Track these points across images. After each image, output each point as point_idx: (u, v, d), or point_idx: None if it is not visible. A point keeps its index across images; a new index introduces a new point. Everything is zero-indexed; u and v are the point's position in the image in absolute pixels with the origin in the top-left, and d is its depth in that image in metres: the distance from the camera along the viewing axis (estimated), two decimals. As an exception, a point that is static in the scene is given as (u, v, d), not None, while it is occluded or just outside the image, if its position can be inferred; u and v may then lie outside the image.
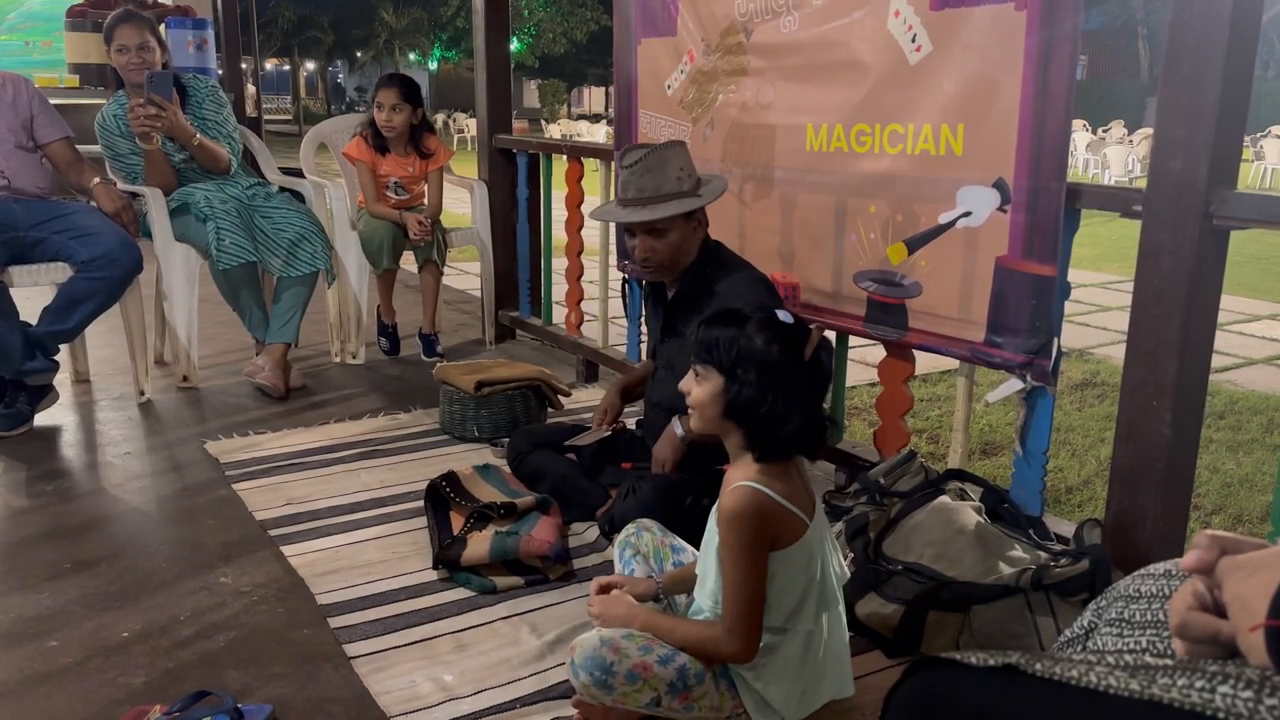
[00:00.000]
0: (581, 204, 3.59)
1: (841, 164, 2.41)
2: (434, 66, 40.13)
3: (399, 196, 3.79)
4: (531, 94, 43.47)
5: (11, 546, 2.23)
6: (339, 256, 3.66)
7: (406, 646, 1.82)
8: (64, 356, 3.22)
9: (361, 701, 1.66)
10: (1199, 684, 0.68)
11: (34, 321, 2.97)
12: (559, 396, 3.04)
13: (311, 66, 44.69)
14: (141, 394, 3.26)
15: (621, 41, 3.21)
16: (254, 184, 3.48)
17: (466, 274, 6.25)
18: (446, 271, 4.19)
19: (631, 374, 2.63)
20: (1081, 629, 1.01)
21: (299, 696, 1.67)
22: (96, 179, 3.17)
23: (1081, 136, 16.87)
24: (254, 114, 8.87)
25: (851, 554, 1.91)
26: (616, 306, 3.87)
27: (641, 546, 1.75)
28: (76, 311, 2.97)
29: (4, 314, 2.87)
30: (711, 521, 1.50)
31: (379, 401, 3.31)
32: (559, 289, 3.82)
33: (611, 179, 3.27)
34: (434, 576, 2.08)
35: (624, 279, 3.38)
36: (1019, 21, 1.95)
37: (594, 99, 48.63)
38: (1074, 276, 2.04)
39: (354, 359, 3.78)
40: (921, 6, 2.14)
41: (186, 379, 3.40)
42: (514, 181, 3.98)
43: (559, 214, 3.77)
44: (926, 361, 2.61)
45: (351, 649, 1.81)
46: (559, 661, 1.77)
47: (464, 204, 4.52)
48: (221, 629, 1.88)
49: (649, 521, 1.81)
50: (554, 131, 23.58)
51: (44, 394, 3.06)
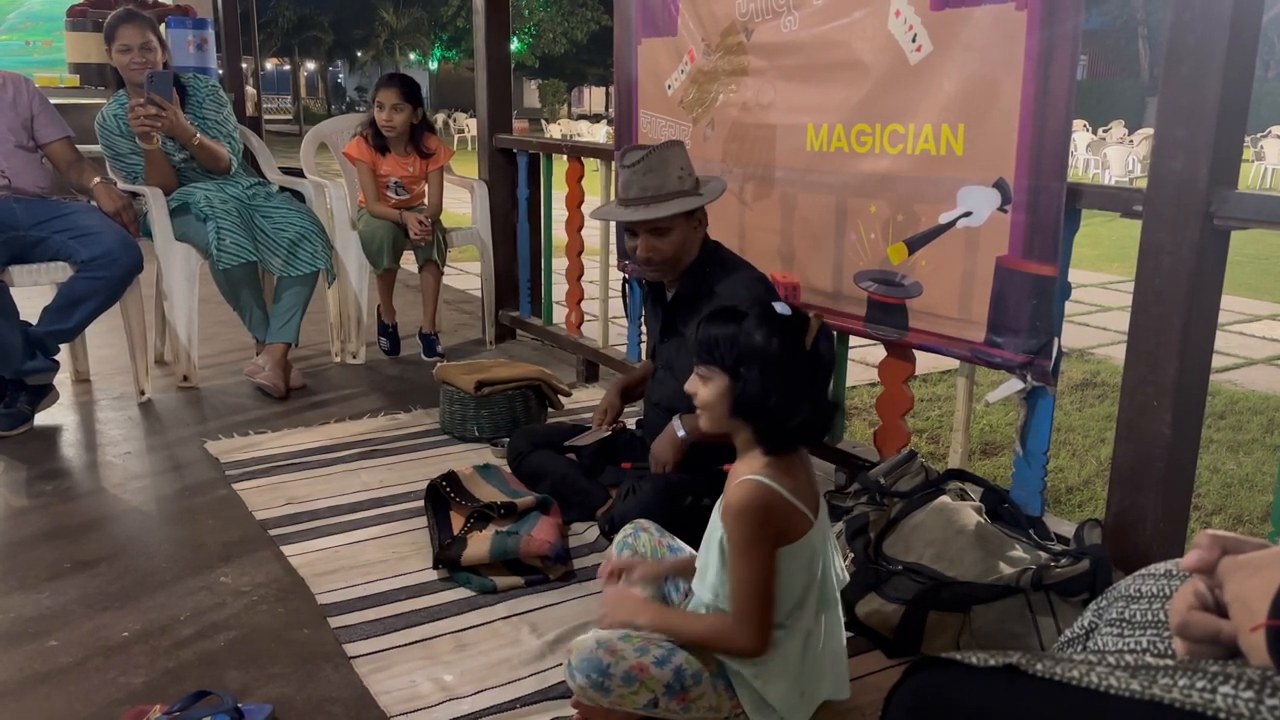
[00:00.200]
0: (582, 204, 3.59)
1: (842, 164, 2.41)
2: (434, 66, 40.13)
3: (399, 196, 3.79)
4: (532, 94, 43.46)
5: (11, 546, 2.23)
6: (339, 256, 3.66)
7: (407, 646, 1.82)
8: (64, 356, 3.22)
9: (361, 701, 1.66)
10: (1200, 684, 0.67)
11: (34, 321, 2.97)
12: (559, 396, 3.04)
13: (312, 66, 44.69)
14: (142, 394, 3.26)
15: (622, 41, 3.21)
16: (254, 184, 3.48)
17: (467, 274, 6.25)
18: (447, 271, 4.19)
19: (631, 374, 2.63)
20: (1082, 629, 1.01)
21: (299, 696, 1.67)
22: (97, 179, 3.17)
23: (1082, 137, 16.86)
24: (254, 114, 8.87)
25: (852, 554, 1.91)
26: (617, 306, 3.87)
27: (639, 547, 1.75)
28: (77, 311, 2.97)
29: (4, 314, 2.87)
30: (715, 515, 1.50)
31: (379, 401, 3.31)
32: (559, 289, 3.82)
33: (612, 179, 3.27)
34: (434, 576, 2.08)
35: (624, 279, 3.38)
36: (1019, 21, 1.95)
37: (594, 99, 48.63)
38: (1074, 276, 2.04)
39: (354, 359, 3.78)
40: (922, 6, 2.14)
41: (187, 379, 3.40)
42: (514, 181, 3.98)
43: (559, 214, 3.77)
44: (927, 361, 2.61)
45: (351, 649, 1.81)
46: (559, 661, 1.77)
47: (464, 204, 4.51)
48: (221, 629, 1.88)
49: (646, 522, 1.81)
50: (554, 131, 23.58)
51: (44, 394, 3.07)
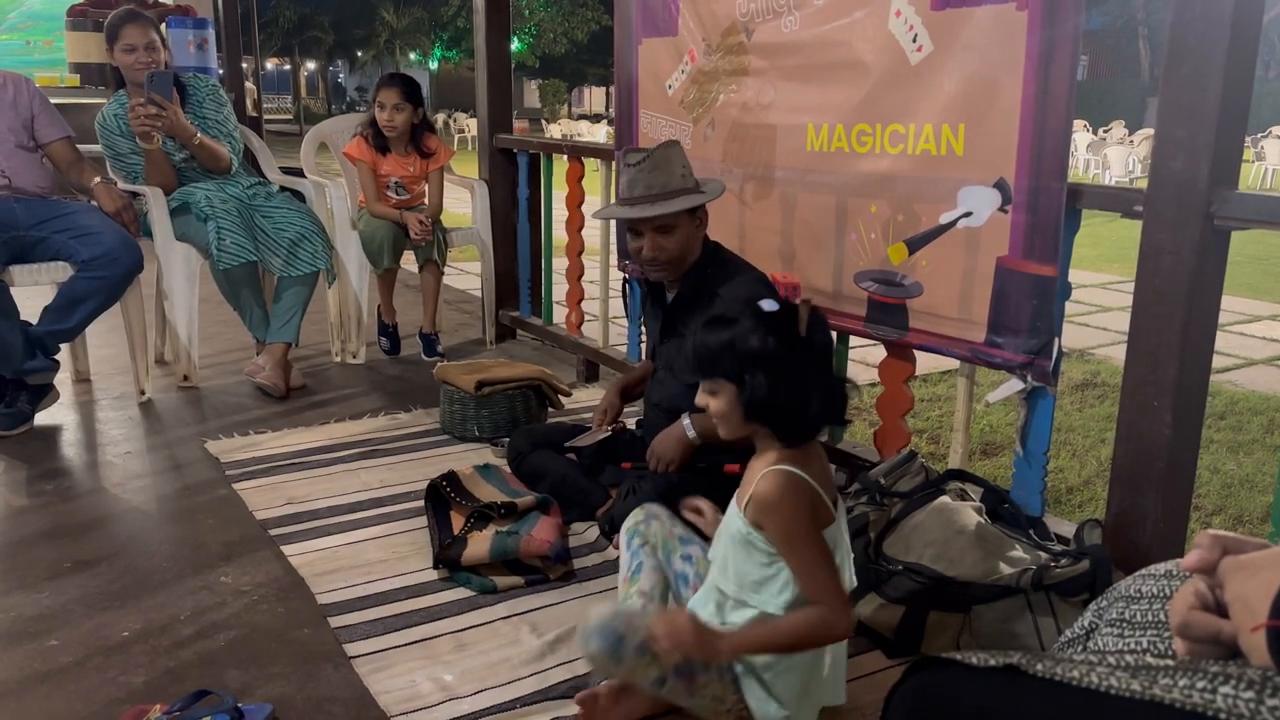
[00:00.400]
0: (582, 204, 3.59)
1: (842, 164, 2.41)
2: (434, 66, 40.13)
3: (399, 196, 3.79)
4: (532, 94, 43.47)
5: (12, 546, 2.23)
6: (339, 256, 3.66)
7: (407, 646, 1.82)
8: (64, 356, 3.22)
9: (361, 701, 1.66)
10: (1200, 685, 0.67)
11: (34, 321, 2.97)
12: (559, 396, 3.04)
13: (312, 66, 44.69)
14: (142, 393, 3.26)
15: (622, 41, 3.21)
16: (255, 183, 3.48)
17: (467, 274, 6.25)
18: (447, 271, 4.19)
19: (631, 374, 2.63)
20: (1082, 629, 1.01)
21: (299, 696, 1.67)
22: (97, 178, 3.17)
23: (1082, 137, 16.87)
24: (254, 113, 8.87)
25: (851, 554, 1.91)
26: (617, 306, 3.87)
27: (650, 536, 1.75)
28: (77, 311, 2.97)
29: (4, 313, 2.87)
30: (731, 509, 1.50)
31: (379, 401, 3.31)
32: (559, 289, 3.82)
33: (612, 179, 3.27)
34: (434, 576, 2.08)
35: (624, 279, 3.37)
36: (1020, 21, 1.95)
37: (594, 99, 48.64)
38: (1075, 277, 2.04)
39: (354, 359, 3.78)
40: (922, 6, 2.14)
41: (187, 378, 3.40)
42: (514, 181, 3.98)
43: (559, 214, 3.77)
44: (927, 361, 2.61)
45: (351, 648, 1.81)
46: (559, 661, 1.77)
47: (464, 204, 4.51)
48: (222, 628, 1.88)
49: (657, 508, 1.80)
50: (554, 131, 23.59)
51: (44, 393, 3.06)
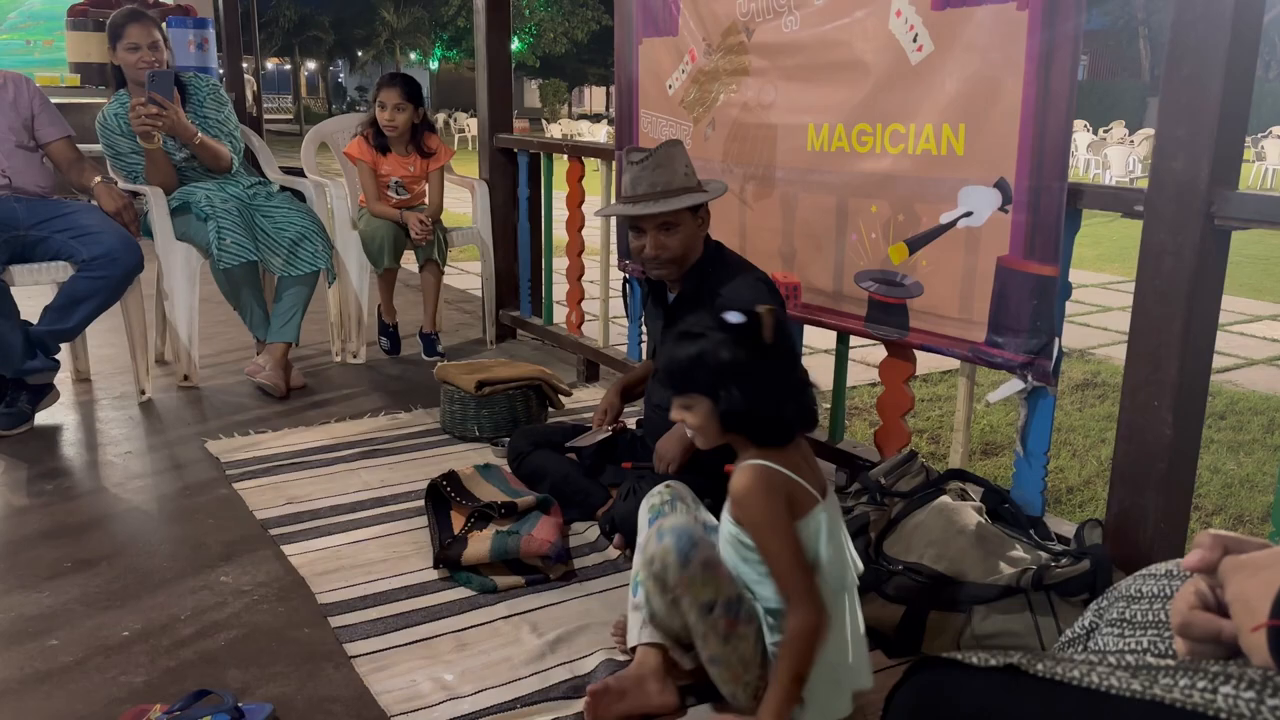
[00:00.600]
0: (582, 203, 3.59)
1: (843, 164, 2.41)
2: (435, 66, 40.12)
3: (400, 196, 3.79)
4: (532, 94, 43.46)
5: (12, 545, 2.23)
6: (340, 256, 3.66)
7: (407, 646, 1.82)
8: (65, 355, 3.22)
9: (362, 701, 1.66)
10: (1201, 684, 0.67)
11: (35, 320, 2.97)
12: (559, 396, 3.04)
13: (312, 66, 44.66)
14: (142, 393, 3.26)
15: (622, 41, 3.21)
16: (255, 183, 3.48)
17: (467, 273, 6.26)
18: (447, 271, 4.19)
19: (631, 374, 2.63)
20: (1083, 629, 1.01)
21: (299, 695, 1.67)
22: (98, 178, 3.17)
23: (1082, 137, 16.86)
24: (255, 113, 8.86)
25: (850, 539, 1.91)
26: (617, 306, 3.87)
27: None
28: (77, 310, 2.97)
29: (5, 313, 2.87)
30: (725, 514, 1.52)
31: (380, 401, 3.31)
32: (560, 288, 3.82)
33: (612, 179, 3.27)
34: (434, 576, 2.08)
35: (624, 278, 3.38)
36: (1021, 21, 1.95)
37: (595, 99, 48.63)
38: (1075, 277, 2.04)
39: (355, 358, 3.78)
40: (923, 6, 2.14)
41: (187, 378, 3.40)
42: (515, 181, 3.98)
43: (560, 213, 3.77)
44: (927, 361, 2.61)
45: (352, 648, 1.81)
46: (560, 661, 1.77)
47: (465, 203, 4.52)
48: (222, 628, 1.88)
49: (682, 488, 1.80)
50: (555, 131, 23.58)
51: (45, 393, 3.07)
